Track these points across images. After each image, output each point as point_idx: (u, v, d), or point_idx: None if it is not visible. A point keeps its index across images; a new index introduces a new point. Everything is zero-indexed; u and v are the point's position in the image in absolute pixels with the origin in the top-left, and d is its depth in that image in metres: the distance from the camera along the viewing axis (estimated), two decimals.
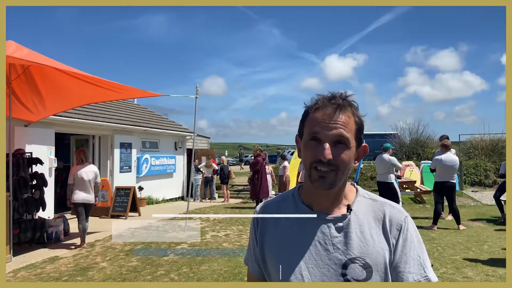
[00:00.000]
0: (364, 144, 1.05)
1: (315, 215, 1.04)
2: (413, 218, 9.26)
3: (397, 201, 7.31)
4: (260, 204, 1.18)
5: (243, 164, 30.64)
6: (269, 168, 13.35)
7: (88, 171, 6.28)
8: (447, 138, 8.08)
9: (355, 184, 1.11)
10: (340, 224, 1.01)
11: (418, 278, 0.98)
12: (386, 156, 7.59)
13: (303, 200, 1.08)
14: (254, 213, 1.17)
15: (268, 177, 13.09)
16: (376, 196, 1.09)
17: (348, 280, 0.96)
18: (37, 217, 6.50)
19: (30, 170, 6.62)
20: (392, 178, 7.57)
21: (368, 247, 0.98)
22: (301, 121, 1.05)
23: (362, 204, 1.05)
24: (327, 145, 0.95)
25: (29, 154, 6.79)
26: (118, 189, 9.50)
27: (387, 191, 7.35)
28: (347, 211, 1.02)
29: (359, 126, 1.01)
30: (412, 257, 0.99)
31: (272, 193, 12.67)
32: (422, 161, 13.90)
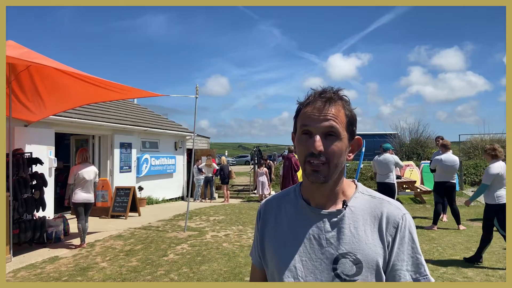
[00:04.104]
0: (357, 136, 1.06)
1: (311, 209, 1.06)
2: (413, 218, 9.18)
3: None
4: (265, 199, 1.22)
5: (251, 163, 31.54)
6: (263, 168, 13.39)
7: (89, 171, 6.30)
8: (442, 138, 8.07)
9: (356, 181, 1.12)
10: (335, 219, 1.02)
11: (417, 276, 0.98)
12: (388, 155, 7.51)
13: (302, 195, 1.10)
14: (259, 207, 1.21)
15: (264, 177, 13.15)
16: (375, 193, 1.09)
17: (338, 275, 0.97)
18: (37, 217, 6.50)
19: (30, 170, 6.62)
20: (394, 178, 7.51)
21: (360, 243, 0.98)
22: (295, 117, 1.07)
23: (359, 200, 1.05)
24: (317, 137, 0.97)
25: (29, 154, 6.79)
26: (118, 189, 9.51)
27: (387, 191, 7.31)
28: (343, 207, 1.03)
29: (350, 119, 1.02)
30: (411, 255, 0.99)
31: (272, 192, 12.65)
32: (422, 161, 13.91)
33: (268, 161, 15.00)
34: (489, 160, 5.21)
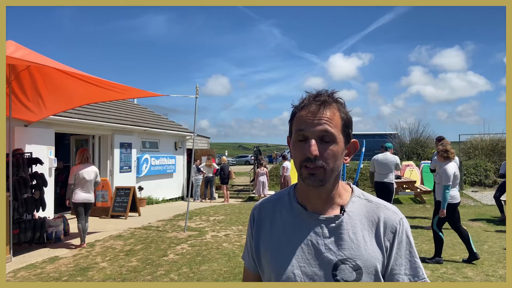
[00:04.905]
0: (353, 139, 1.05)
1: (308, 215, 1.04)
2: (413, 218, 9.15)
3: (389, 202, 7.27)
4: (258, 202, 1.20)
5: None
6: (264, 168, 13.43)
7: (90, 171, 6.29)
8: (443, 138, 8.04)
9: (351, 184, 1.11)
10: (333, 224, 1.01)
11: (416, 280, 0.99)
12: (390, 155, 7.32)
13: (297, 199, 1.08)
14: (252, 211, 1.19)
15: (264, 177, 13.18)
16: (371, 197, 1.08)
17: (338, 281, 0.97)
18: (37, 217, 6.50)
19: (30, 170, 6.62)
20: (393, 178, 7.44)
21: (360, 249, 0.98)
22: (290, 121, 1.06)
23: (356, 205, 1.05)
24: (313, 142, 0.96)
25: (29, 154, 6.79)
26: (118, 189, 9.50)
27: (385, 191, 7.26)
28: (340, 212, 1.03)
29: (345, 122, 1.01)
30: (409, 260, 1.00)
31: (271, 192, 12.63)
32: (422, 161, 13.91)
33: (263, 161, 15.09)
34: (442, 161, 5.37)
